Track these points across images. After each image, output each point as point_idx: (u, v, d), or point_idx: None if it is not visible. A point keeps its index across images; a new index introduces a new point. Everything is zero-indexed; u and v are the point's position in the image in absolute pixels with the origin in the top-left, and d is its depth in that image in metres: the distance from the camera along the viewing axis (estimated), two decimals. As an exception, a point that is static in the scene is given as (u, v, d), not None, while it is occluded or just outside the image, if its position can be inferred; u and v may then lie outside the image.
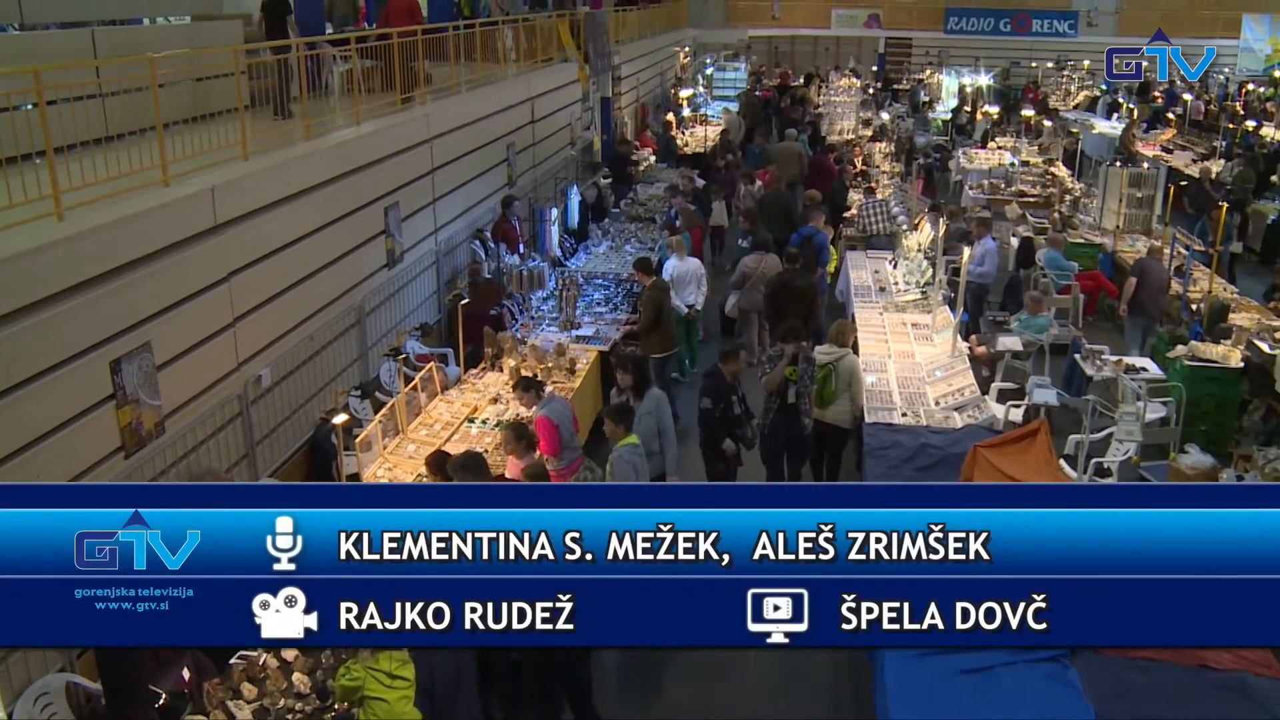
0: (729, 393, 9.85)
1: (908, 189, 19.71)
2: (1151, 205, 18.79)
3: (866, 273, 15.45)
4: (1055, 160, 24.61)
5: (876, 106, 32.23)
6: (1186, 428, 11.91)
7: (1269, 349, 12.00)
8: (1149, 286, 14.34)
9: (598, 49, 22.82)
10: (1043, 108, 32.65)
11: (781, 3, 45.18)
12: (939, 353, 12.17)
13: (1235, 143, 26.71)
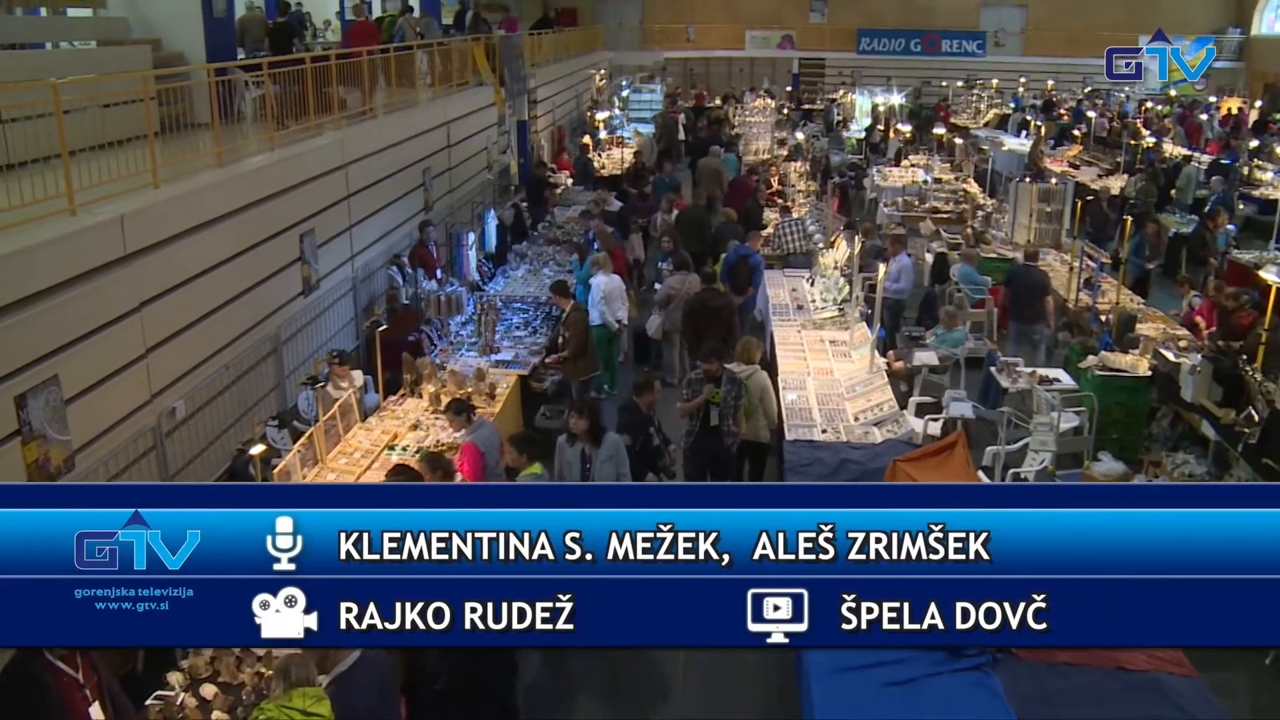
0: (646, 425, 9.75)
1: (823, 207, 19.92)
2: (1061, 219, 19.22)
3: (784, 291, 15.58)
4: (967, 177, 25.03)
5: (791, 126, 32.56)
6: (1099, 436, 12.16)
7: (1174, 357, 12.26)
8: (1021, 293, 14.66)
9: (513, 72, 22.83)
10: (951, 127, 33.21)
11: (696, 25, 45.62)
12: (857, 369, 12.28)
13: (1137, 159, 27.38)
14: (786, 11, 46.51)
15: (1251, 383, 11.08)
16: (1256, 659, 8.96)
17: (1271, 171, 26.10)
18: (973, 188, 23.79)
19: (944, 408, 12.13)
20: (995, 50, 46.74)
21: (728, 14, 46.15)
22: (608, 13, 45.23)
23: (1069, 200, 19.23)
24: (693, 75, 45.79)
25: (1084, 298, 15.11)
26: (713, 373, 10.28)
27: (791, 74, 46.08)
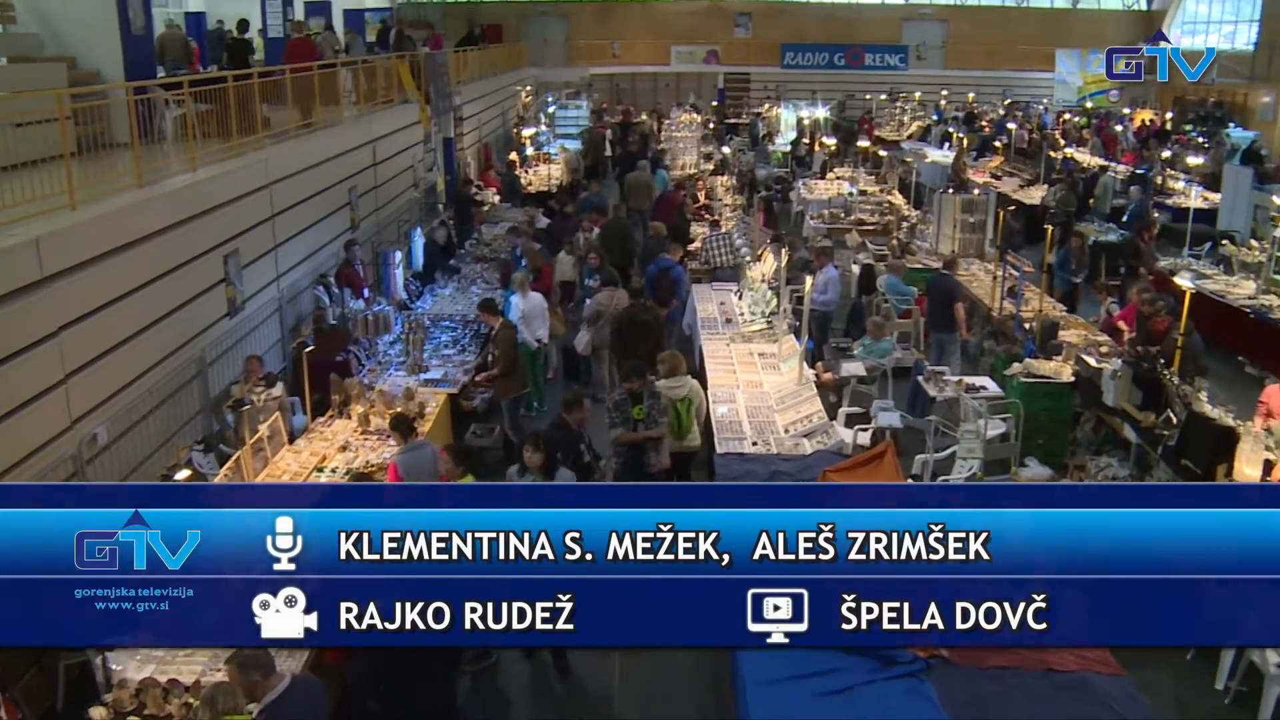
0: (577, 442, 9.72)
1: (750, 221, 20.05)
2: (984, 230, 19.52)
3: (712, 305, 15.64)
4: (892, 189, 25.32)
5: (717, 141, 32.74)
6: (1025, 442, 12.33)
7: (1095, 363, 12.51)
8: (938, 301, 14.89)
9: (439, 90, 22.74)
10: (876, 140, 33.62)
11: (621, 41, 45.77)
12: (786, 381, 12.36)
13: (1056, 170, 27.89)
14: (711, 27, 46.81)
15: (1169, 386, 11.33)
16: (1178, 656, 9.14)
17: (1183, 180, 26.69)
18: (897, 199, 24.06)
19: (872, 418, 12.26)
20: (917, 64, 47.42)
21: (653, 30, 46.36)
22: (533, 29, 45.26)
23: (991, 210, 19.54)
24: (619, 91, 45.93)
25: (1008, 306, 15.34)
26: (635, 390, 10.27)
27: (717, 89, 46.36)
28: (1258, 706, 8.22)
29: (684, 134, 31.23)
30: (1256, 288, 17.39)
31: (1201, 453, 10.13)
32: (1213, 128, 38.75)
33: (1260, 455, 9.72)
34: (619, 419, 10.20)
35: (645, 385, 10.37)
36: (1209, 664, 8.86)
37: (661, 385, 10.89)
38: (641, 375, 10.44)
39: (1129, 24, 49.07)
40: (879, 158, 29.03)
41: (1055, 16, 49.02)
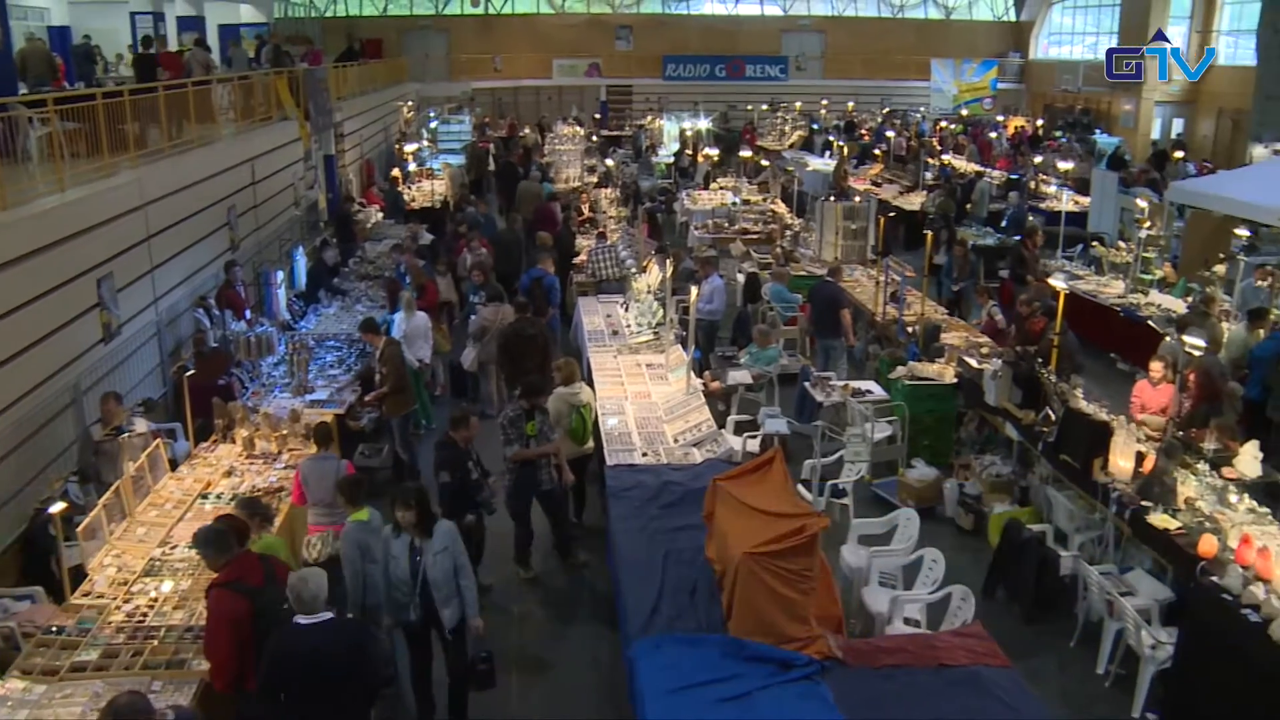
0: (464, 459, 9.64)
1: (634, 233, 20.14)
2: (866, 236, 19.86)
3: (599, 317, 15.67)
4: (775, 198, 25.62)
5: (601, 153, 32.81)
6: (911, 443, 12.62)
7: (977, 364, 12.80)
8: (822, 307, 15.14)
9: (318, 106, 22.44)
10: (758, 149, 33.98)
11: (503, 55, 45.66)
12: (674, 391, 12.43)
13: (935, 176, 28.51)
14: (593, 40, 47.00)
15: (1047, 384, 11.64)
16: (1062, 644, 9.40)
17: (1054, 184, 27.46)
18: (780, 208, 24.36)
19: (760, 425, 12.38)
20: (797, 74, 48.18)
21: (534, 43, 46.36)
22: (414, 44, 44.92)
23: (872, 217, 19.89)
24: (501, 105, 45.80)
25: (891, 310, 15.62)
26: (530, 407, 10.28)
27: (600, 101, 46.53)
28: (1134, 687, 8.50)
29: (567, 147, 31.24)
30: (1125, 287, 18.00)
31: (1079, 447, 10.41)
32: (1081, 134, 39.99)
33: (1133, 448, 10.05)
34: (514, 435, 10.17)
35: (540, 403, 10.38)
36: (1090, 650, 9.16)
37: (561, 392, 10.95)
38: (539, 393, 10.46)
39: (1000, 34, 50.56)
40: (761, 167, 29.35)
41: (930, 27, 50.21)
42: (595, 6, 48.22)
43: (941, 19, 50.89)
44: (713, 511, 8.44)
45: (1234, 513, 9.08)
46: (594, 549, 10.90)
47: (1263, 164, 24.41)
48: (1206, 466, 9.89)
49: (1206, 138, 39.54)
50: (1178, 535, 8.95)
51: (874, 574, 9.42)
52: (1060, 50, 49.33)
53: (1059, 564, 9.70)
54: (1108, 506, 9.82)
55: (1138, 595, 8.90)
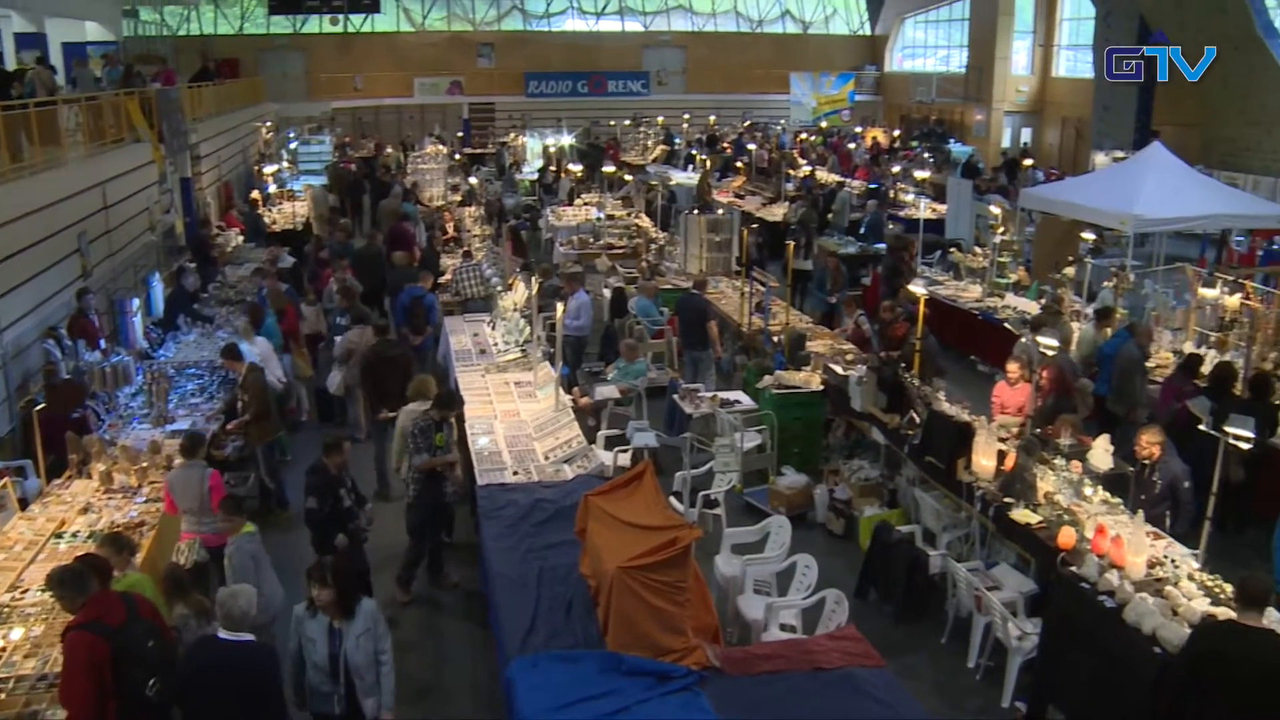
0: (337, 486, 9.42)
1: (499, 251, 20.02)
2: (730, 248, 20.04)
3: (466, 336, 15.50)
4: (639, 212, 25.71)
5: (464, 171, 32.58)
6: (781, 451, 12.74)
7: (842, 371, 12.99)
8: (689, 320, 15.27)
9: (172, 127, 21.82)
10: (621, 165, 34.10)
11: (363, 74, 45.05)
12: (544, 408, 12.34)
13: (797, 187, 28.96)
14: (454, 58, 46.67)
15: (910, 388, 11.86)
16: (933, 641, 9.57)
17: (912, 193, 28.12)
18: (645, 222, 24.45)
19: (629, 439, 12.38)
20: (659, 89, 48.54)
21: (395, 62, 45.83)
22: (271, 63, 44.00)
23: (736, 229, 20.09)
24: (362, 124, 45.18)
25: (756, 321, 15.77)
26: (439, 419, 10.24)
27: (462, 119, 46.22)
28: (1004, 678, 8.73)
29: (430, 166, 30.93)
30: (983, 291, 18.53)
31: (943, 448, 10.63)
32: (935, 144, 41.10)
33: (994, 447, 10.29)
34: (423, 444, 10.09)
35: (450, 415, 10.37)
36: (961, 645, 9.37)
37: (409, 408, 10.87)
38: (451, 405, 10.49)
39: (856, 48, 51.73)
40: (625, 182, 29.45)
41: (788, 41, 51.08)
42: (456, 24, 47.94)
43: (799, 33, 51.83)
44: (585, 527, 8.39)
45: (1089, 504, 9.39)
46: (466, 568, 10.76)
47: (1104, 170, 25.44)
48: (1063, 461, 10.19)
49: (1053, 146, 41.09)
50: (1039, 529, 9.19)
51: (748, 582, 9.47)
52: (914, 63, 50.70)
53: (928, 563, 9.88)
54: (972, 505, 10.04)
55: (1004, 589, 9.12)
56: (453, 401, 10.67)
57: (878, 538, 10.34)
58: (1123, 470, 10.14)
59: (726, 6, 50.72)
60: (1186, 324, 15.55)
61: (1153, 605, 7.67)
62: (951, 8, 46.40)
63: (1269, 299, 14.57)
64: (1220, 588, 7.89)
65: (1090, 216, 18.92)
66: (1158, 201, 17.71)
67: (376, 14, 44.38)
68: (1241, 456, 9.43)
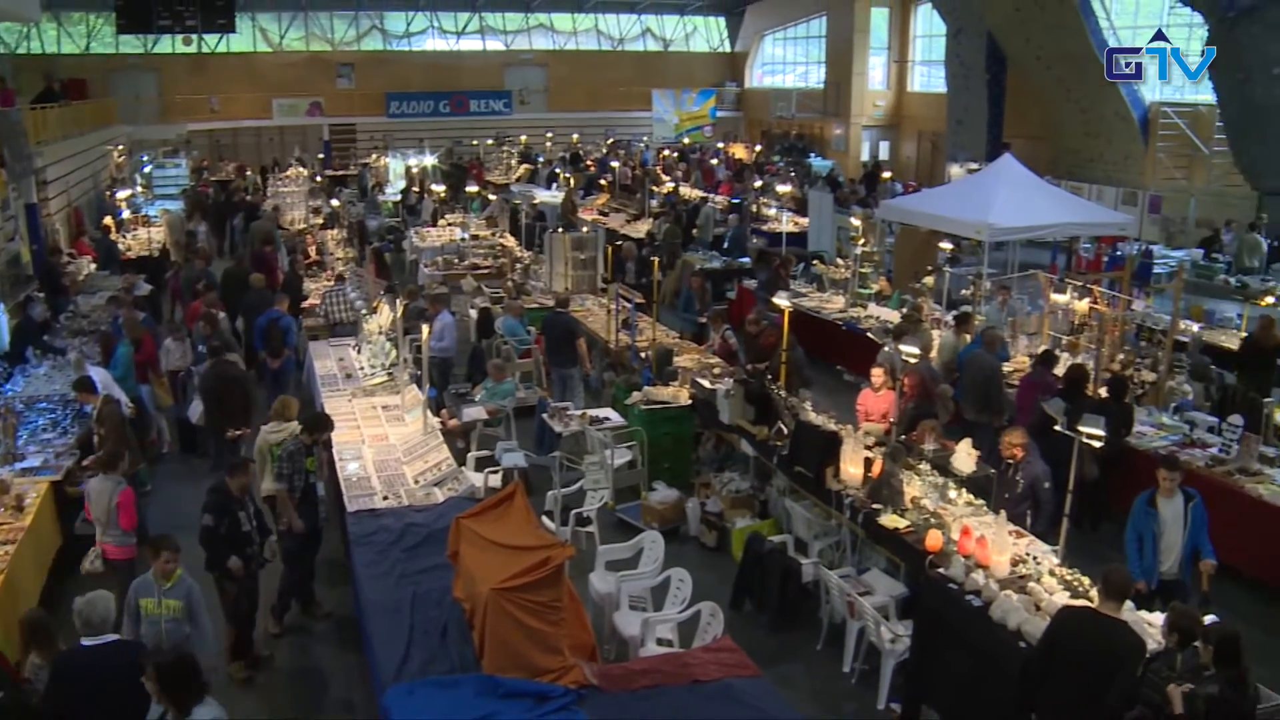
0: (236, 507, 9.15)
1: (363, 273, 19.73)
2: (595, 265, 20.07)
3: (331, 361, 15.22)
4: (503, 232, 25.59)
5: (326, 194, 32.06)
6: (652, 466, 12.77)
7: (710, 384, 13.07)
8: (556, 338, 15.27)
9: (15, 151, 21.00)
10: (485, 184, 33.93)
11: (219, 95, 43.97)
12: (412, 431, 12.17)
13: (660, 203, 29.16)
14: (313, 78, 45.86)
15: (777, 400, 12.00)
16: (809, 648, 9.68)
17: (775, 207, 28.54)
18: (510, 241, 24.35)
19: (498, 460, 12.30)
20: (521, 108, 48.44)
21: (252, 83, 44.83)
22: (122, 84, 42.60)
23: (600, 247, 20.13)
24: (220, 147, 44.10)
25: (623, 337, 15.80)
26: (310, 442, 10.08)
27: (323, 141, 45.43)
28: (878, 681, 8.88)
29: (291, 189, 30.34)
30: (846, 302, 18.86)
31: (811, 458, 10.77)
32: (796, 158, 41.84)
33: (861, 454, 10.48)
34: (290, 469, 9.90)
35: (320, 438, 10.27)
36: (836, 650, 9.52)
37: (267, 428, 10.74)
38: (322, 428, 10.35)
39: (716, 65, 52.43)
40: (488, 201, 29.30)
41: (649, 59, 51.50)
42: (315, 44, 47.15)
43: (660, 51, 52.29)
44: (457, 550, 8.30)
45: (954, 507, 9.63)
46: (337, 596, 10.54)
47: (959, 181, 26.18)
48: (928, 466, 10.42)
49: (910, 158, 42.21)
50: (907, 533, 9.38)
51: (624, 598, 9.46)
52: (774, 79, 51.56)
53: (801, 572, 9.99)
54: (842, 512, 10.20)
55: (875, 594, 9.28)
56: (323, 424, 10.48)
57: (750, 549, 10.42)
58: (985, 473, 10.41)
59: (587, 25, 50.94)
60: (1041, 328, 16.07)
61: (1017, 602, 7.93)
62: (809, 25, 47.33)
63: (1115, 303, 15.12)
64: (1079, 581, 8.19)
65: (947, 226, 19.43)
66: (1010, 211, 18.25)
67: (232, 34, 43.30)
68: (1096, 455, 9.73)
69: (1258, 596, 10.62)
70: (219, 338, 14.58)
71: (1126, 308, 15.35)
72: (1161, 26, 29.52)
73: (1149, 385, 13.94)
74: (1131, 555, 9.12)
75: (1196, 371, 14.34)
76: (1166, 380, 13.83)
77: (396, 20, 48.38)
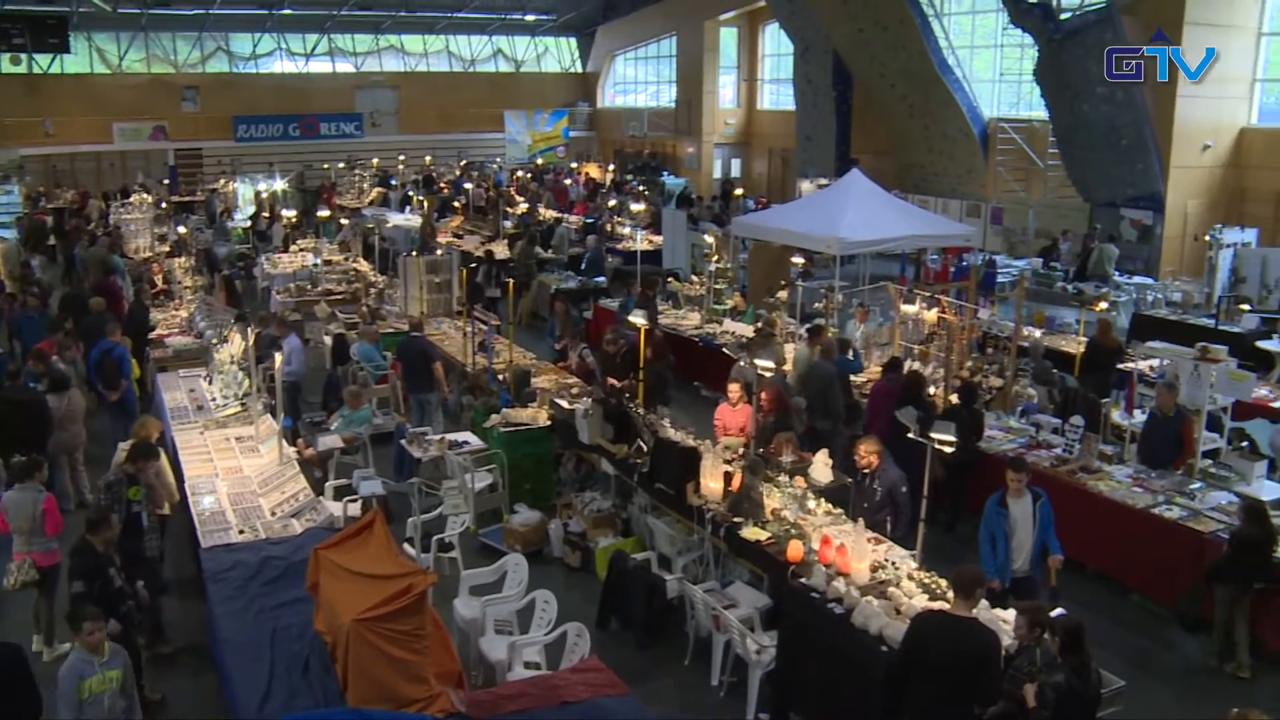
0: (105, 565, 8.58)
1: (213, 302, 19.24)
2: (450, 288, 19.93)
3: (181, 393, 14.78)
4: (357, 256, 25.24)
5: (172, 220, 31.18)
6: (513, 489, 12.71)
7: (568, 405, 13.08)
8: (412, 363, 15.14)
9: None
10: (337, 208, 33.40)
11: (54, 118, 42.30)
12: (268, 462, 11.88)
13: (515, 225, 29.12)
14: (156, 101, 44.50)
15: (636, 418, 12.07)
16: (676, 663, 9.74)
17: (629, 226, 28.74)
18: (364, 266, 24.00)
19: (356, 488, 12.12)
20: (373, 131, 47.86)
21: (91, 105, 43.22)
22: (-57, 108, 40.78)
23: (455, 269, 20.00)
24: (57, 173, 42.42)
25: (480, 360, 15.72)
26: (134, 471, 9.76)
27: (168, 166, 44.11)
28: (746, 693, 8.96)
29: (136, 215, 29.41)
30: (701, 318, 19.08)
31: (672, 474, 10.86)
32: (650, 176, 42.21)
33: (720, 469, 10.59)
34: (110, 500, 9.53)
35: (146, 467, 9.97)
36: (703, 665, 9.57)
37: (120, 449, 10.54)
38: (147, 456, 10.01)
39: (568, 85, 52.65)
40: (342, 225, 28.86)
41: (501, 80, 51.45)
42: (157, 66, 45.75)
43: (512, 72, 52.27)
44: (317, 582, 8.13)
45: (814, 517, 9.81)
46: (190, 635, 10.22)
47: (809, 197, 26.70)
48: (786, 478, 10.59)
49: (761, 175, 42.95)
50: (768, 545, 9.52)
51: (489, 623, 9.39)
52: (626, 99, 51.94)
53: (665, 588, 10.04)
54: (704, 527, 10.29)
55: (740, 606, 9.37)
56: (147, 453, 10.07)
57: (614, 567, 10.45)
58: (842, 482, 10.62)
59: (439, 46, 50.62)
60: (893, 339, 16.49)
61: (878, 607, 8.12)
62: (660, 44, 47.84)
63: (962, 312, 15.61)
64: (937, 583, 8.45)
65: (799, 241, 19.81)
66: (860, 225, 18.70)
67: (66, 54, 41.76)
68: (945, 459, 10.02)
69: (1102, 588, 11.12)
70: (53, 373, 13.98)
71: (973, 316, 15.85)
72: (996, 46, 31.03)
73: (996, 390, 14.46)
74: (985, 555, 9.42)
75: (1040, 375, 14.91)
76: (1012, 385, 14.36)
77: (242, 42, 47.35)
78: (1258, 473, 11.91)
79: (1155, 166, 24.31)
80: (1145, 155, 24.21)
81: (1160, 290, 22.71)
